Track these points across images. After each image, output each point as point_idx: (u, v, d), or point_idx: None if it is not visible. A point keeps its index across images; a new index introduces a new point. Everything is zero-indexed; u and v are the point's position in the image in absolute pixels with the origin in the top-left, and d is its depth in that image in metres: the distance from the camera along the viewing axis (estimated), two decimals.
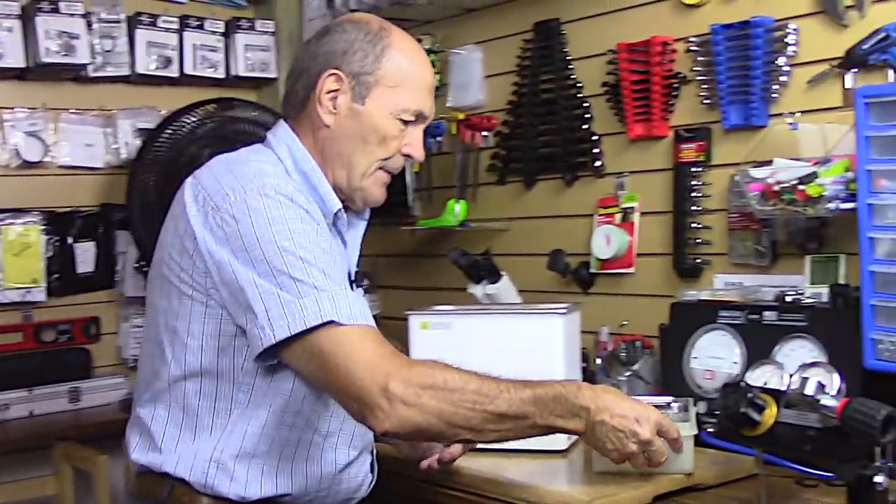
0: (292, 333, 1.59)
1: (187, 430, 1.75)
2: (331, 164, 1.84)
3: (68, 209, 3.50)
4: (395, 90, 1.83)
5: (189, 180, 1.77)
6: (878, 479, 1.63)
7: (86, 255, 3.51)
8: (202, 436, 1.74)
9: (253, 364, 1.70)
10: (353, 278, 1.89)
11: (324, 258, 1.66)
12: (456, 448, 1.98)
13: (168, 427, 1.76)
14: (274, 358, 1.66)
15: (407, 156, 1.88)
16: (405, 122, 1.85)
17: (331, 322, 1.59)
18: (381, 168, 1.86)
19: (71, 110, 3.50)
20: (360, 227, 1.94)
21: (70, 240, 3.48)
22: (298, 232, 1.66)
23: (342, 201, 1.84)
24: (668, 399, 2.14)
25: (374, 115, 1.82)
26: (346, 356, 1.59)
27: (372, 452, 1.93)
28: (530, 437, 1.69)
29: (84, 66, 3.41)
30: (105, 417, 3.32)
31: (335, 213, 1.83)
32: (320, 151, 1.84)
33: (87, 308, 3.53)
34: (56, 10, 3.33)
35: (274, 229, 1.65)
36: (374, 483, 1.94)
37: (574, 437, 2.23)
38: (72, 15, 3.36)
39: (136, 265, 3.49)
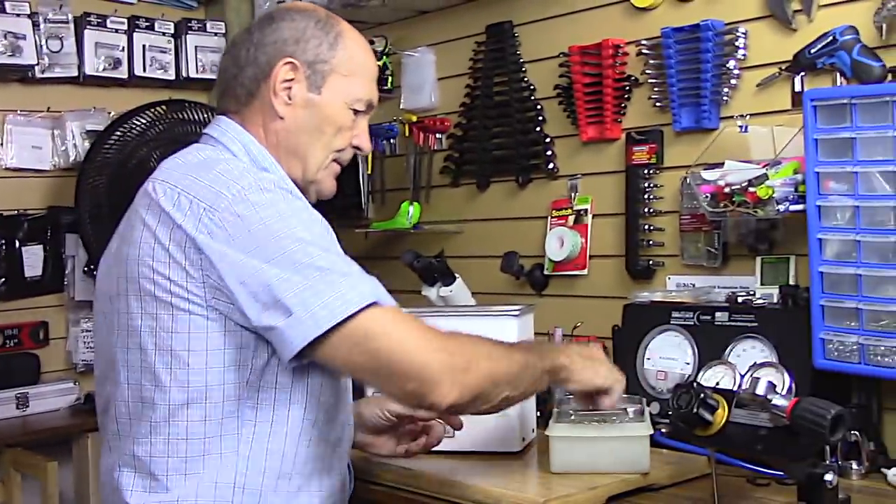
0: (338, 321, 1.52)
1: (195, 461, 1.61)
2: (285, 157, 1.78)
3: (15, 212, 3.44)
4: (349, 79, 1.80)
5: (157, 186, 1.65)
6: (828, 477, 1.65)
7: (34, 259, 3.46)
8: (212, 463, 1.62)
9: (258, 379, 1.62)
10: None
11: (337, 247, 1.62)
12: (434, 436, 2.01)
13: (171, 461, 1.62)
14: (304, 358, 1.57)
15: (356, 147, 1.85)
16: (356, 112, 1.82)
17: (374, 304, 1.55)
18: (334, 160, 1.83)
19: (18, 112, 3.45)
20: None
21: (17, 243, 3.43)
22: (310, 222, 1.62)
23: None
24: (622, 399, 2.15)
25: (330, 104, 1.79)
26: (397, 337, 1.54)
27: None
28: (540, 388, 1.83)
29: (31, 66, 3.36)
30: (54, 423, 3.27)
31: None
32: (274, 145, 1.77)
33: (36, 312, 3.48)
34: (2, 10, 3.28)
35: (286, 223, 1.58)
36: (353, 492, 1.89)
37: (529, 439, 2.24)
38: (18, 15, 3.31)
39: (86, 269, 3.45)
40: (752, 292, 2.33)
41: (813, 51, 2.29)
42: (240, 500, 1.63)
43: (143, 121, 3.35)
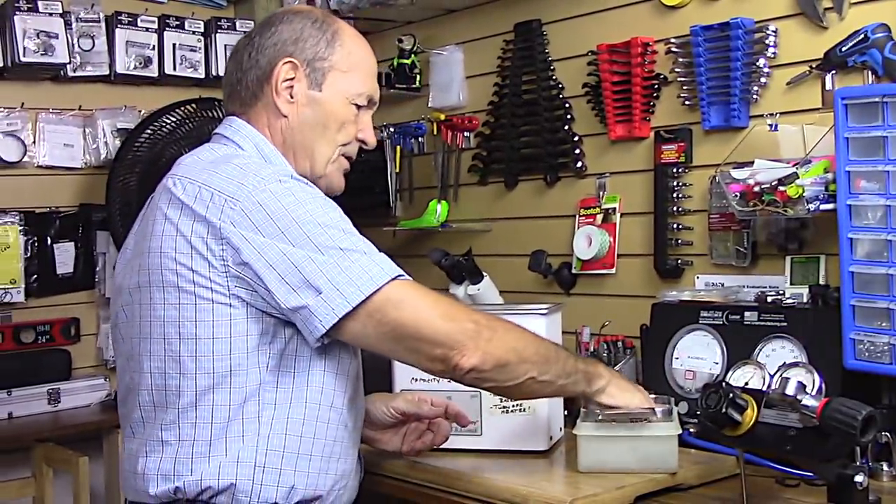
0: (366, 295, 1.61)
1: (218, 443, 1.66)
2: (292, 154, 1.84)
3: (47, 209, 3.48)
4: (348, 75, 1.84)
5: (177, 182, 1.70)
6: (859, 478, 1.64)
7: (65, 256, 3.50)
8: (234, 444, 1.66)
9: (278, 364, 1.68)
10: None
11: (354, 229, 1.69)
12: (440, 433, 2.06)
13: (197, 445, 1.67)
14: (331, 337, 1.65)
15: (362, 141, 1.89)
16: (358, 107, 1.87)
17: (398, 277, 1.65)
18: (342, 154, 1.88)
19: (50, 110, 3.48)
20: None
21: (49, 240, 3.47)
22: (327, 207, 1.69)
23: None
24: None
25: (331, 100, 1.84)
26: (422, 305, 1.66)
27: None
28: (574, 389, 1.88)
29: (63, 65, 3.40)
30: (85, 419, 3.30)
31: None
32: (281, 143, 1.83)
33: (67, 309, 3.52)
34: (35, 10, 3.32)
35: (306, 208, 1.65)
36: (362, 479, 1.92)
37: (557, 437, 2.23)
38: (50, 14, 3.35)
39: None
40: (781, 292, 2.32)
41: (844, 49, 2.28)
42: (260, 479, 1.67)
43: (173, 119, 3.38)
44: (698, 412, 1.80)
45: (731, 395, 1.71)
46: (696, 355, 2.35)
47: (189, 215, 1.66)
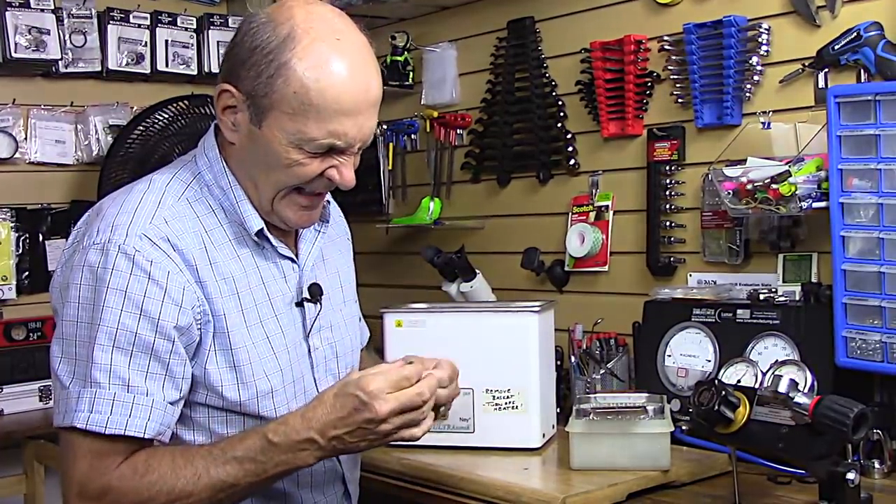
0: (57, 425, 1.55)
1: None
2: (243, 181, 1.66)
3: (39, 206, 3.47)
4: (295, 118, 1.54)
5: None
6: (850, 475, 1.65)
7: (57, 253, 3.47)
8: None
9: None
10: (303, 296, 1.72)
11: (125, 341, 1.51)
12: None
13: None
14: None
15: (329, 179, 1.62)
16: (317, 153, 1.58)
17: (72, 427, 1.51)
18: (297, 191, 1.63)
19: (41, 106, 3.46)
20: (310, 237, 1.78)
21: (41, 237, 3.45)
22: (111, 306, 1.51)
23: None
24: (643, 397, 2.15)
25: (272, 141, 1.57)
26: (67, 468, 1.55)
27: (344, 481, 1.80)
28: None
29: (55, 61, 3.38)
30: None
31: (257, 233, 1.66)
32: (234, 168, 1.66)
33: None
34: (26, 6, 3.30)
35: (83, 295, 1.53)
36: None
37: (549, 435, 2.23)
38: (42, 10, 3.33)
39: None
40: (773, 289, 2.32)
41: (837, 47, 2.28)
42: None
43: (166, 116, 3.37)
44: (691, 409, 1.80)
45: (723, 392, 1.72)
46: (689, 353, 2.36)
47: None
